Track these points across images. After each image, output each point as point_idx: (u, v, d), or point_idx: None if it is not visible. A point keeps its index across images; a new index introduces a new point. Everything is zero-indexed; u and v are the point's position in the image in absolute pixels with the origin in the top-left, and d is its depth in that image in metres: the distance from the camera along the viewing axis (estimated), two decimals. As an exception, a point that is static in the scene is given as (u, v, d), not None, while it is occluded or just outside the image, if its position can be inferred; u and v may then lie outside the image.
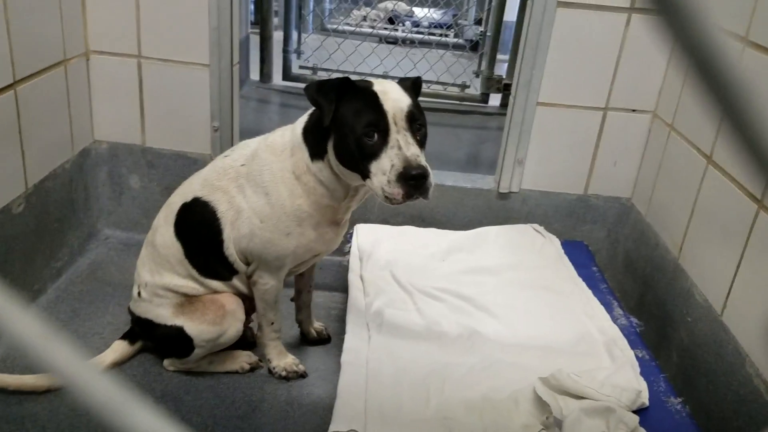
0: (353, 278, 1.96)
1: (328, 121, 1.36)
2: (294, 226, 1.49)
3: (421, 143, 1.38)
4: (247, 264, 1.59)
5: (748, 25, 1.64)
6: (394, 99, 1.37)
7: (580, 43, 2.10)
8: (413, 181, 1.30)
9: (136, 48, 2.13)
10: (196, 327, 1.59)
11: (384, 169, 1.32)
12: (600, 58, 2.12)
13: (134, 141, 2.25)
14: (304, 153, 1.46)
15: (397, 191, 1.31)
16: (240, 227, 1.53)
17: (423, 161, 1.33)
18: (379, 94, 1.37)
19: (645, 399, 1.54)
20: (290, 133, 1.51)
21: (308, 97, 1.38)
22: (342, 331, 1.80)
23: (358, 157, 1.35)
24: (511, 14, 3.70)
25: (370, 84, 1.41)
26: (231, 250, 1.56)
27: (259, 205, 1.50)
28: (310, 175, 1.46)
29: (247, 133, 2.28)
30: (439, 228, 2.26)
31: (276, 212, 1.48)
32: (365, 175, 1.36)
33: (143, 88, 2.18)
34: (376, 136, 1.33)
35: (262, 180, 1.50)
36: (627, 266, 2.27)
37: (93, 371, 0.26)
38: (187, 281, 1.61)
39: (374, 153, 1.33)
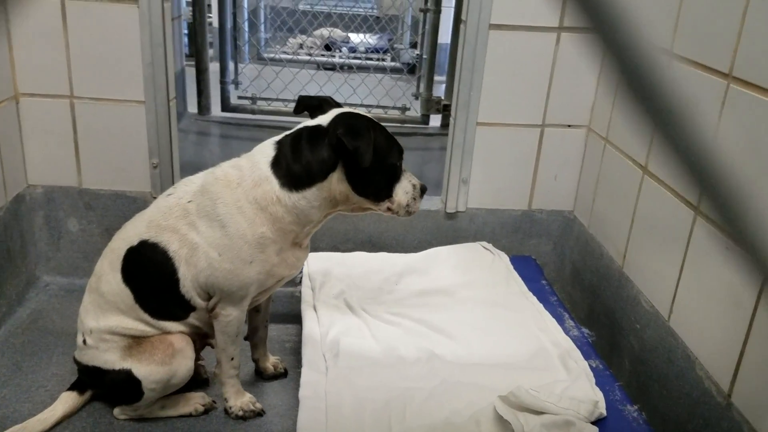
0: (306, 309, 1.94)
1: (369, 160, 1.41)
2: (257, 253, 1.49)
3: None
4: (208, 298, 1.56)
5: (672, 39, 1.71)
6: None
7: (514, 64, 2.16)
8: (424, 194, 1.58)
9: (67, 88, 2.07)
10: (144, 368, 1.54)
11: (407, 189, 1.54)
12: (534, 77, 2.18)
13: (70, 183, 2.18)
14: (272, 185, 1.47)
15: (417, 206, 1.57)
16: (197, 263, 1.50)
17: None
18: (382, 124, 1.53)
19: (602, 409, 1.56)
20: (249, 166, 1.50)
21: (350, 147, 1.40)
22: (298, 364, 1.77)
23: (385, 183, 1.51)
24: (445, 36, 3.78)
25: (370, 118, 1.52)
26: (188, 287, 1.53)
27: (215, 238, 1.48)
28: (280, 206, 1.47)
29: (188, 168, 2.25)
30: (389, 252, 2.27)
31: (236, 243, 1.47)
32: (386, 197, 1.52)
33: (77, 129, 2.12)
34: (400, 162, 1.54)
35: (216, 213, 1.48)
36: (574, 277, 2.31)
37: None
38: (136, 324, 1.57)
39: (399, 177, 1.54)
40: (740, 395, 1.38)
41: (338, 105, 1.60)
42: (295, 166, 1.47)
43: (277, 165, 1.48)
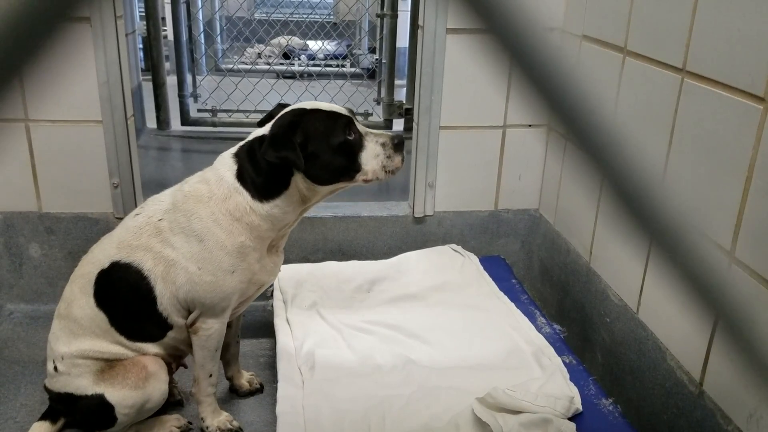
0: (279, 322, 1.92)
1: (302, 165, 1.41)
2: (238, 262, 1.50)
3: None
4: (186, 315, 1.55)
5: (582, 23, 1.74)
6: (332, 105, 1.51)
7: (473, 66, 2.17)
8: (402, 145, 1.49)
9: (21, 111, 2.03)
10: (117, 393, 1.51)
11: (375, 152, 1.47)
12: (492, 78, 2.20)
13: (30, 208, 2.13)
14: (243, 196, 1.48)
15: (398, 160, 1.49)
16: (175, 279, 1.49)
17: None
18: (322, 107, 1.49)
19: (578, 404, 1.58)
20: (215, 180, 1.50)
21: (275, 159, 1.41)
22: (274, 379, 1.76)
23: (345, 159, 1.46)
24: (402, 40, 3.79)
25: (301, 109, 1.49)
26: (165, 305, 1.51)
27: (193, 252, 1.48)
28: (255, 215, 1.48)
29: (151, 185, 2.21)
30: (359, 260, 2.26)
31: (215, 255, 1.48)
32: (356, 171, 1.47)
33: (34, 153, 2.08)
34: (352, 132, 1.47)
35: (191, 229, 1.48)
36: (543, 275, 2.34)
37: None
38: (111, 346, 1.55)
39: (359, 145, 1.47)
40: (711, 383, 1.41)
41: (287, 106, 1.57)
42: (259, 179, 1.48)
43: (242, 178, 1.49)
